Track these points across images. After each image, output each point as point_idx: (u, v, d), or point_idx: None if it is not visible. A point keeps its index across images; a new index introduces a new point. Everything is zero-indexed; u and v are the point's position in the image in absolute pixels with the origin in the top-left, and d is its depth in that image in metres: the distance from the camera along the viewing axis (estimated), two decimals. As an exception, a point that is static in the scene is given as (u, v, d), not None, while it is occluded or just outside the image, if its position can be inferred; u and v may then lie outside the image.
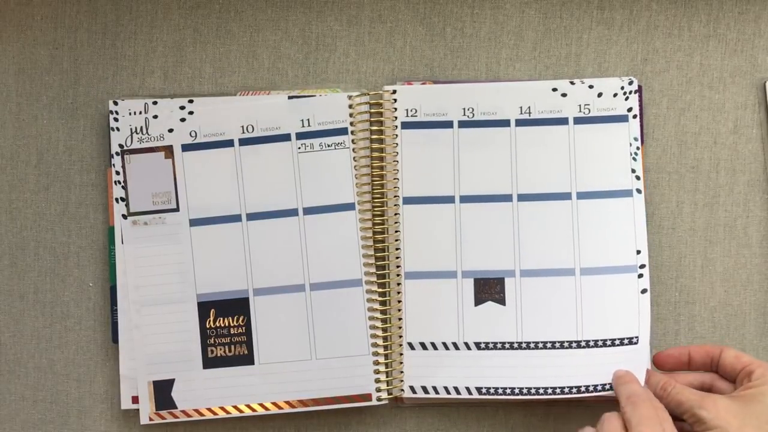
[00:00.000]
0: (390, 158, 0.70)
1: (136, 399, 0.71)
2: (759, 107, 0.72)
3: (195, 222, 0.71)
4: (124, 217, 0.71)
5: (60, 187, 0.73)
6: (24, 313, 0.73)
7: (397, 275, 0.70)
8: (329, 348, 0.70)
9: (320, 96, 0.71)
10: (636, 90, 0.70)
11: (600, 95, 0.70)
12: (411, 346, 0.70)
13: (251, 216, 0.71)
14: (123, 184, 0.71)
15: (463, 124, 0.70)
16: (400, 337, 0.70)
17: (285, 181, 0.71)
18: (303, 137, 0.71)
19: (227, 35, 0.73)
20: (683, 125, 0.73)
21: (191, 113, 0.71)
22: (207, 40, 0.73)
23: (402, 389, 0.70)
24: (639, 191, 0.70)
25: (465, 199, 0.70)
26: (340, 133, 0.71)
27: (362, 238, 0.70)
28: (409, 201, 0.70)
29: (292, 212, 0.71)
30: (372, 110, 0.71)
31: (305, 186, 0.71)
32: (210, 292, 0.71)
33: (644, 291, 0.69)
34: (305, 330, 0.70)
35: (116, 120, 0.71)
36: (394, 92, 0.71)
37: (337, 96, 0.71)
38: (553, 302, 0.69)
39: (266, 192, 0.71)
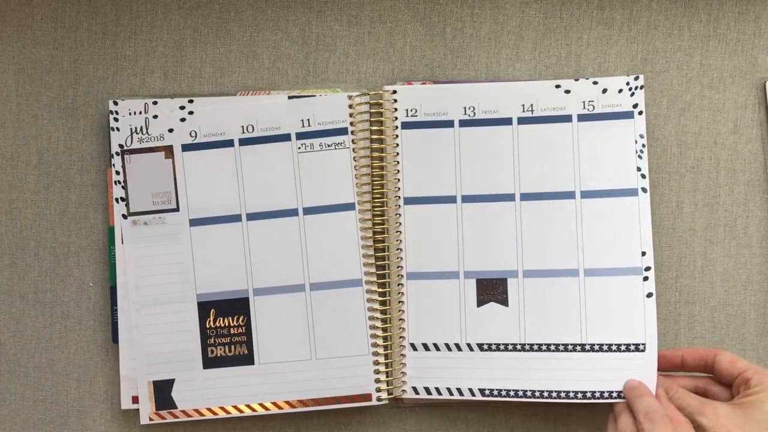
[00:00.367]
0: (390, 158, 0.70)
1: (136, 399, 0.71)
2: (759, 107, 0.73)
3: (195, 222, 0.71)
4: (124, 217, 0.71)
5: (60, 187, 0.73)
6: (24, 313, 0.73)
7: (399, 276, 0.70)
8: (329, 348, 0.70)
9: (320, 96, 0.71)
10: (641, 86, 0.69)
11: (605, 91, 0.69)
12: (413, 347, 0.70)
13: (251, 216, 0.71)
14: (123, 184, 0.71)
15: (464, 123, 0.70)
16: (402, 338, 0.70)
17: (285, 181, 0.71)
18: (303, 137, 0.71)
19: (227, 35, 0.73)
20: (683, 125, 0.73)
21: (191, 113, 0.71)
22: (207, 40, 0.73)
23: (403, 390, 0.70)
24: (645, 190, 0.68)
25: (467, 199, 0.70)
26: (340, 133, 0.71)
27: (363, 239, 0.70)
28: (410, 201, 0.70)
29: (292, 212, 0.71)
30: (372, 110, 0.71)
31: (305, 186, 0.71)
32: (210, 292, 0.71)
33: (650, 295, 0.68)
34: (305, 330, 0.70)
35: (116, 120, 0.71)
36: (395, 92, 0.71)
37: (337, 96, 0.71)
38: (557, 304, 0.69)
39: (266, 192, 0.71)
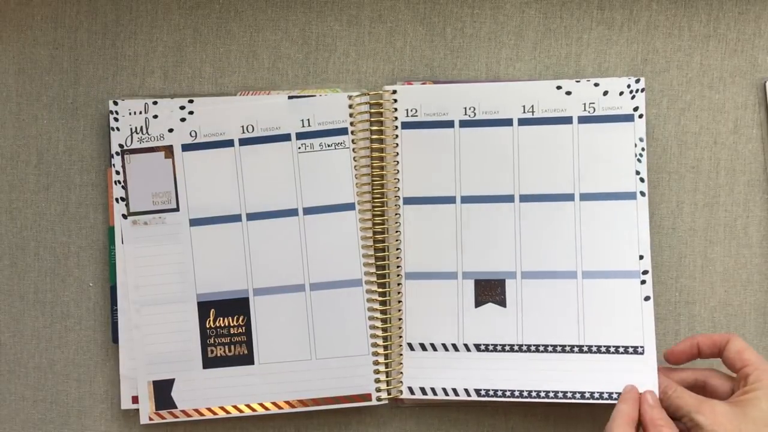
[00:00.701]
0: (390, 158, 0.70)
1: (136, 399, 0.71)
2: (759, 107, 0.72)
3: (195, 222, 0.71)
4: (124, 217, 0.71)
5: (60, 187, 0.73)
6: (24, 313, 0.73)
7: (398, 276, 0.70)
8: (329, 348, 0.70)
9: (320, 96, 0.71)
10: (642, 89, 0.69)
11: (606, 93, 0.69)
12: (411, 347, 0.70)
13: (251, 216, 0.71)
14: (123, 184, 0.71)
15: (464, 124, 0.70)
16: (400, 338, 0.70)
17: (285, 181, 0.71)
18: (303, 137, 0.71)
19: (227, 35, 0.73)
20: (683, 125, 0.72)
21: (191, 113, 0.71)
22: (207, 40, 0.73)
23: (401, 390, 0.70)
24: (643, 194, 0.68)
25: (466, 200, 0.70)
26: (340, 133, 0.71)
27: (362, 239, 0.70)
28: (410, 201, 0.70)
29: (292, 212, 0.71)
30: (372, 110, 0.71)
31: (305, 186, 0.71)
32: (210, 292, 0.71)
33: (647, 298, 0.68)
34: (305, 330, 0.70)
35: (116, 120, 0.71)
36: (394, 92, 0.71)
37: (337, 96, 0.71)
38: (555, 305, 0.69)
39: (266, 192, 0.71)
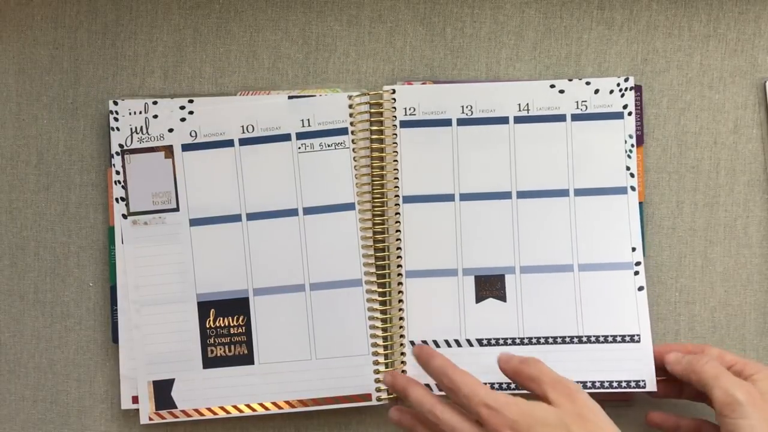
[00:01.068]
0: (390, 158, 0.71)
1: (136, 399, 0.71)
2: (759, 107, 0.73)
3: (195, 222, 0.71)
4: (124, 217, 0.71)
5: (60, 187, 0.73)
6: (24, 313, 0.73)
7: (398, 274, 0.70)
8: (329, 348, 0.70)
9: (320, 96, 0.71)
10: (632, 87, 0.71)
11: (597, 92, 0.71)
12: (412, 345, 0.70)
13: (251, 216, 0.71)
14: (123, 184, 0.71)
15: (462, 122, 0.71)
16: (402, 336, 0.70)
17: (285, 181, 0.71)
18: (303, 137, 0.71)
19: (227, 35, 0.73)
20: (683, 125, 0.73)
21: (191, 113, 0.71)
22: (207, 40, 0.73)
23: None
24: (633, 188, 0.70)
25: (465, 197, 0.70)
26: (340, 133, 0.71)
27: (363, 238, 0.70)
28: (409, 200, 0.70)
29: (292, 212, 0.71)
30: (372, 110, 0.71)
31: (305, 186, 0.71)
32: (210, 292, 0.71)
33: (641, 288, 0.70)
34: (305, 330, 0.70)
35: (116, 120, 0.71)
36: (394, 92, 0.71)
37: (338, 96, 0.71)
38: (553, 298, 0.70)
39: (266, 192, 0.71)
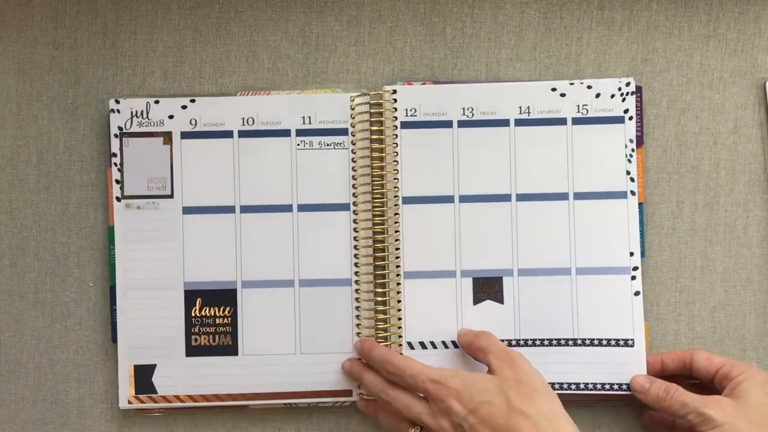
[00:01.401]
0: (390, 158, 0.71)
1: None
2: (759, 107, 0.72)
3: (188, 210, 0.71)
4: (118, 200, 0.71)
5: (60, 187, 0.73)
6: (24, 313, 0.73)
7: (397, 275, 0.70)
8: (314, 344, 0.70)
9: (322, 95, 0.71)
10: (633, 91, 0.71)
11: (598, 96, 0.71)
12: (410, 346, 0.70)
13: (245, 208, 0.71)
14: (119, 167, 0.71)
15: (463, 124, 0.71)
16: (400, 337, 0.70)
17: (282, 177, 0.71)
18: (303, 134, 0.71)
19: (227, 35, 0.73)
20: (683, 125, 0.72)
21: (193, 101, 0.71)
22: (207, 40, 0.73)
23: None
24: (633, 193, 0.70)
25: (464, 199, 0.70)
26: (340, 134, 0.71)
27: (362, 238, 0.70)
28: (409, 201, 0.70)
29: (287, 208, 0.71)
30: (372, 110, 0.71)
31: (301, 183, 0.71)
32: (198, 281, 0.71)
33: (637, 293, 0.70)
34: (291, 325, 0.70)
35: (117, 103, 0.71)
36: (394, 92, 0.71)
37: (339, 96, 0.71)
38: (550, 301, 0.70)
39: (262, 186, 0.71)
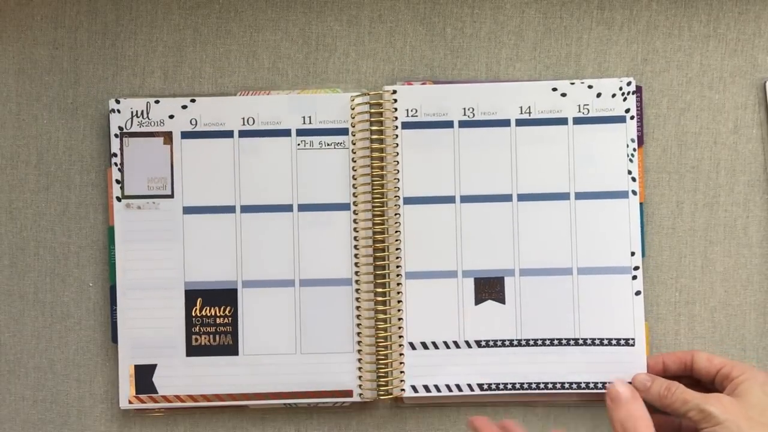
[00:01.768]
0: (390, 158, 0.71)
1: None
2: (759, 107, 0.72)
3: (189, 210, 0.71)
4: (118, 200, 0.71)
5: (60, 187, 0.73)
6: (24, 313, 0.73)
7: (398, 275, 0.70)
8: (315, 344, 0.70)
9: (322, 95, 0.71)
10: (634, 91, 0.71)
11: (599, 95, 0.71)
12: (412, 346, 0.70)
13: (245, 208, 0.71)
14: (120, 167, 0.71)
15: (464, 124, 0.71)
16: (401, 337, 0.70)
17: (282, 177, 0.71)
18: (303, 134, 0.71)
19: (227, 35, 0.73)
20: (683, 125, 0.73)
21: (193, 101, 0.71)
22: (207, 40, 0.73)
23: (402, 389, 0.70)
24: (635, 193, 0.70)
25: (465, 199, 0.70)
26: (341, 133, 0.71)
27: (362, 238, 0.70)
28: (410, 201, 0.70)
29: (287, 208, 0.71)
30: (372, 110, 0.71)
31: (302, 183, 0.71)
32: (198, 281, 0.71)
33: (638, 293, 0.70)
34: (292, 325, 0.70)
35: (117, 103, 0.71)
36: (395, 92, 0.71)
37: (339, 96, 0.71)
38: (552, 301, 0.70)
39: (262, 186, 0.71)
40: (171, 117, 0.71)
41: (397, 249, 0.70)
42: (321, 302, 0.70)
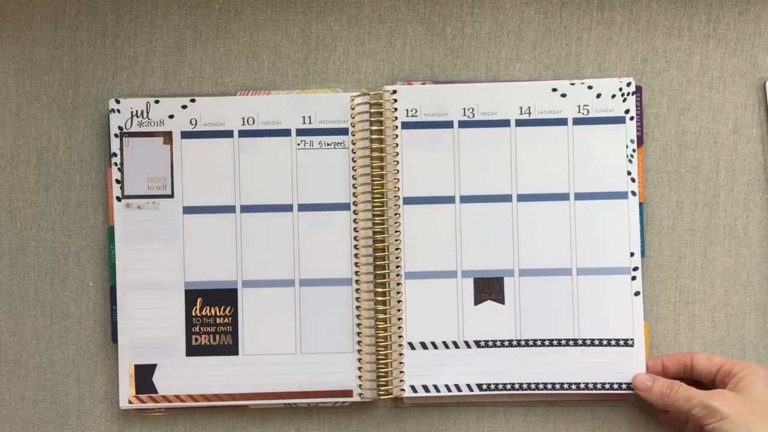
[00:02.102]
0: (390, 158, 0.71)
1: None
2: (759, 107, 0.72)
3: (189, 210, 0.71)
4: (118, 200, 0.71)
5: (60, 187, 0.73)
6: (24, 313, 0.73)
7: (397, 275, 0.70)
8: (315, 343, 0.70)
9: (322, 95, 0.71)
10: (633, 92, 0.71)
11: (599, 96, 0.71)
12: (411, 346, 0.70)
13: (245, 208, 0.71)
14: (120, 167, 0.71)
15: (464, 124, 0.71)
16: (400, 337, 0.70)
17: (282, 177, 0.71)
18: (303, 134, 0.71)
19: (227, 35, 0.73)
20: (683, 125, 0.73)
21: (193, 101, 0.71)
22: (207, 40, 0.73)
23: (402, 389, 0.70)
24: (634, 193, 0.70)
25: (465, 200, 0.70)
26: (341, 133, 0.71)
27: (362, 238, 0.70)
28: (410, 201, 0.70)
29: (287, 207, 0.71)
30: (372, 110, 0.71)
31: (302, 183, 0.71)
32: (198, 281, 0.71)
33: (637, 294, 0.70)
34: (292, 324, 0.70)
35: (117, 103, 0.71)
36: (395, 92, 0.71)
37: (339, 96, 0.71)
38: (551, 301, 0.70)
39: (262, 186, 0.71)
40: (171, 117, 0.71)
41: (397, 249, 0.70)
42: (321, 302, 0.70)
